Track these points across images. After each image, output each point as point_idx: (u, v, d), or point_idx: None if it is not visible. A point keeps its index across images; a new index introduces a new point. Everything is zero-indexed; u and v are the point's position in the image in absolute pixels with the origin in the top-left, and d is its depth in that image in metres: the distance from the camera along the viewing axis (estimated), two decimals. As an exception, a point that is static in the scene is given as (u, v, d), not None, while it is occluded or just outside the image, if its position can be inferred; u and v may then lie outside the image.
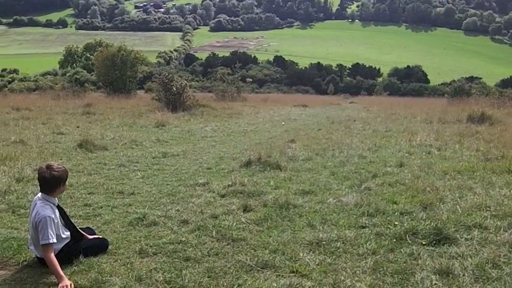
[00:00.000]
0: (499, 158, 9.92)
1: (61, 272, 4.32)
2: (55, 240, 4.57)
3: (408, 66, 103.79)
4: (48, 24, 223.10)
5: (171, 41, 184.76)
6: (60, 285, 4.20)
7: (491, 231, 5.49)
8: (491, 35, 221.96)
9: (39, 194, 4.80)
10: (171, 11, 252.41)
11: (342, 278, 4.37)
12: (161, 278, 4.37)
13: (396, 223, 5.74)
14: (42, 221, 4.54)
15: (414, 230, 5.44)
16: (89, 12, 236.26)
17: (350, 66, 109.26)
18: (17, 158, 9.51)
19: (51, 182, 4.72)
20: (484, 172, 8.59)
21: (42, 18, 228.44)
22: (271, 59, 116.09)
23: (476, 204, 6.46)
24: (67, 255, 4.70)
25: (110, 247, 5.10)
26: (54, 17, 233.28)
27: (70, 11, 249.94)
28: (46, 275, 4.46)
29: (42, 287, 4.24)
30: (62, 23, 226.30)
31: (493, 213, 6.10)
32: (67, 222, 4.95)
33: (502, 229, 5.51)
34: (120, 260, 4.81)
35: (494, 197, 6.88)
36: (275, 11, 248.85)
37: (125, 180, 8.26)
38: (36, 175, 4.88)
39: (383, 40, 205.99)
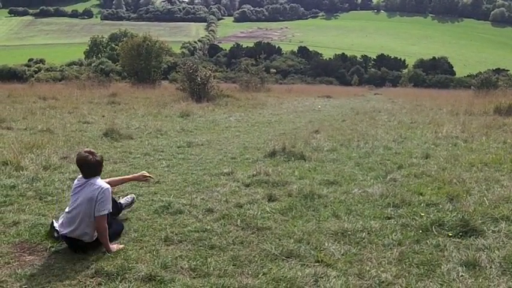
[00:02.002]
0: (527, 150, 9.78)
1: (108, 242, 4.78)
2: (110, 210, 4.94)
3: (434, 58, 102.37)
4: (74, 15, 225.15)
5: (195, 32, 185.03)
6: (112, 247, 4.75)
7: (519, 223, 5.42)
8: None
9: (81, 179, 5.02)
10: (196, 1, 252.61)
11: (367, 268, 4.36)
12: (186, 266, 4.41)
13: (422, 214, 5.70)
14: (106, 192, 4.88)
15: (440, 222, 5.40)
16: (114, 2, 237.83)
17: (375, 58, 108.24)
18: (44, 146, 9.62)
19: (96, 166, 5.01)
20: (511, 164, 8.47)
21: (68, 9, 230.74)
22: (295, 49, 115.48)
23: (503, 196, 6.38)
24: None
25: (135, 234, 5.16)
26: (80, 7, 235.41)
27: (95, 1, 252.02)
28: (73, 260, 4.53)
29: (69, 272, 4.29)
30: (88, 13, 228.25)
31: (521, 205, 6.02)
32: None
33: (530, 222, 5.44)
34: (145, 247, 4.86)
35: (522, 189, 6.78)
36: (300, 1, 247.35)
37: (150, 169, 8.30)
38: (65, 163, 4.96)
39: (408, 31, 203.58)
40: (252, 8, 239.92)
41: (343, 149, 10.32)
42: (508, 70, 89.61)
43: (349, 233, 5.20)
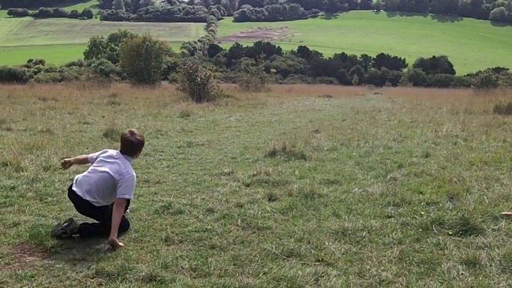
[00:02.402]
0: (527, 149, 9.79)
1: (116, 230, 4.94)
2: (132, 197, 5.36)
3: (434, 57, 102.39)
4: (74, 15, 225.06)
5: (195, 32, 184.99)
6: (110, 238, 4.83)
7: (519, 222, 5.43)
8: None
9: (118, 152, 5.36)
10: (196, 1, 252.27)
11: (368, 267, 4.37)
12: (187, 266, 4.41)
13: (422, 213, 5.71)
14: (131, 178, 5.18)
15: (440, 220, 5.40)
16: (113, 2, 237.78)
17: (375, 57, 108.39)
18: (44, 147, 9.63)
19: (137, 146, 5.39)
20: (511, 163, 8.50)
21: (67, 9, 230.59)
22: (295, 49, 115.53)
23: (503, 194, 6.40)
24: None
25: (136, 235, 5.16)
26: (79, 7, 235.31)
27: (95, 1, 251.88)
28: (74, 261, 4.52)
29: (70, 273, 4.29)
30: (87, 14, 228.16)
31: (521, 204, 6.03)
32: None
33: (530, 220, 5.44)
34: (146, 247, 4.86)
35: (522, 188, 6.79)
36: (299, 1, 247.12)
37: (151, 169, 8.32)
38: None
39: (408, 30, 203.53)
40: (251, 8, 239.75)
41: (343, 148, 10.33)
42: (507, 69, 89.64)
43: (350, 232, 5.21)
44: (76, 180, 5.35)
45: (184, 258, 4.59)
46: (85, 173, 5.38)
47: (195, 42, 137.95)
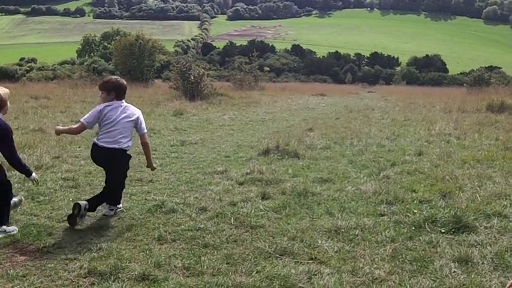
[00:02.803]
0: (519, 147, 9.83)
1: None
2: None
3: (427, 56, 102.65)
4: (66, 13, 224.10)
5: (188, 30, 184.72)
6: (151, 167, 6.35)
7: (510, 219, 5.47)
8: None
9: (117, 102, 5.91)
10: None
11: (361, 265, 4.37)
12: (180, 265, 4.39)
13: (415, 211, 5.72)
14: (141, 114, 6.07)
15: (433, 218, 5.42)
16: (106, 0, 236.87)
17: (368, 55, 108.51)
18: (36, 145, 9.60)
19: (125, 87, 6.09)
20: (503, 161, 8.54)
21: (60, 7, 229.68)
22: (288, 47, 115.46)
23: (495, 192, 6.43)
24: None
25: (128, 234, 5.15)
26: (72, 5, 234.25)
27: None
28: (66, 260, 4.50)
29: (62, 273, 4.26)
30: (80, 12, 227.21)
31: (513, 202, 6.06)
32: None
33: (522, 218, 5.47)
34: (139, 246, 4.84)
35: (515, 186, 6.82)
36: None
37: (143, 168, 8.25)
38: (58, 162, 4.96)
39: (402, 29, 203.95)
40: (245, 6, 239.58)
41: (336, 147, 10.34)
42: (500, 67, 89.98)
43: (343, 230, 5.21)
44: (98, 139, 5.89)
45: (177, 257, 4.57)
46: (105, 132, 5.85)
47: (188, 41, 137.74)
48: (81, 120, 5.92)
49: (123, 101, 6.01)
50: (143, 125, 6.05)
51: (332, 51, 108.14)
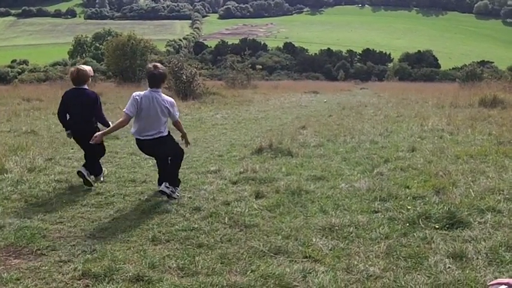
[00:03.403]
0: (512, 141, 9.86)
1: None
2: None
3: (419, 51, 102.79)
4: (57, 14, 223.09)
5: (180, 29, 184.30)
6: (187, 141, 7.04)
7: (504, 214, 5.47)
8: (503, 18, 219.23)
9: (149, 90, 6.37)
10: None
11: (355, 262, 4.37)
12: (174, 265, 4.39)
13: (409, 207, 5.72)
14: (174, 102, 6.57)
15: (427, 214, 5.42)
16: (97, 1, 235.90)
17: (360, 52, 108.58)
18: (29, 148, 9.54)
19: (161, 77, 6.39)
20: (496, 156, 8.55)
21: (51, 9, 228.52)
22: (280, 45, 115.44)
23: (489, 187, 6.44)
24: None
25: (122, 235, 5.13)
26: (63, 6, 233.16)
27: (78, 0, 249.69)
28: (60, 263, 4.48)
29: (56, 275, 4.25)
30: (71, 13, 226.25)
31: (507, 196, 6.08)
32: None
33: (515, 212, 5.48)
34: (133, 247, 4.83)
35: (507, 180, 6.86)
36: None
37: (137, 169, 8.29)
38: (50, 164, 4.97)
39: (393, 25, 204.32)
40: (236, 5, 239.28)
41: (330, 144, 10.34)
42: (492, 62, 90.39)
43: (337, 228, 5.21)
44: (138, 133, 6.48)
45: (172, 257, 4.56)
46: (140, 121, 6.41)
47: (180, 40, 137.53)
48: (125, 110, 6.35)
49: (157, 89, 6.40)
50: (175, 112, 6.55)
51: (324, 49, 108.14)
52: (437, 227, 5.17)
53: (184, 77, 22.95)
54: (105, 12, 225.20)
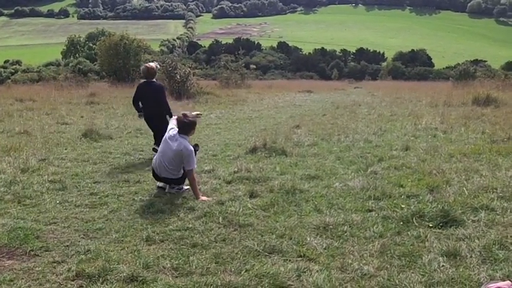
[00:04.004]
0: (505, 140, 9.91)
1: (198, 190, 6.47)
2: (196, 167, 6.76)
3: (412, 50, 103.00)
4: (50, 15, 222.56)
5: (173, 29, 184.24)
6: (201, 199, 6.27)
7: (498, 212, 5.49)
8: (496, 17, 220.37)
9: (177, 133, 6.69)
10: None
11: (350, 261, 4.37)
12: (168, 265, 4.38)
13: (403, 206, 5.73)
14: (191, 153, 6.57)
15: (421, 213, 5.43)
16: (90, 1, 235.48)
17: (354, 51, 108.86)
18: (22, 148, 9.51)
19: (190, 126, 6.74)
20: (490, 154, 8.57)
21: (43, 9, 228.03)
22: (274, 45, 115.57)
23: (482, 186, 6.45)
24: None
25: (116, 235, 5.12)
26: (56, 6, 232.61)
27: (71, 0, 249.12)
28: (53, 263, 4.46)
29: (49, 276, 4.23)
30: (64, 13, 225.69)
31: (500, 194, 6.10)
32: None
33: (508, 210, 5.51)
34: (127, 247, 4.81)
35: (501, 178, 6.87)
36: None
37: (131, 169, 8.27)
38: (44, 165, 4.92)
39: (387, 24, 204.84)
40: (230, 4, 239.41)
41: (324, 143, 10.35)
42: (485, 61, 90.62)
43: (331, 226, 5.21)
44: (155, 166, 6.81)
45: (166, 257, 4.55)
46: (159, 157, 6.78)
47: (173, 40, 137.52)
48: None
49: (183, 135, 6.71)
50: (189, 161, 6.58)
51: (318, 48, 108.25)
52: (431, 225, 5.18)
53: (178, 77, 22.91)
54: (98, 12, 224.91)
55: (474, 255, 4.43)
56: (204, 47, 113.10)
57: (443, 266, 4.24)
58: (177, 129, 6.77)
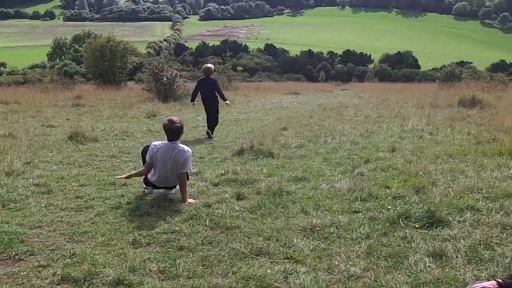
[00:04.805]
0: (490, 141, 9.98)
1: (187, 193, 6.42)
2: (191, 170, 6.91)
3: (399, 52, 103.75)
4: (35, 16, 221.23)
5: (160, 31, 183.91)
6: (188, 202, 6.22)
7: (483, 213, 5.52)
8: (481, 19, 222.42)
9: (168, 143, 6.57)
10: (160, 0, 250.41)
11: (336, 262, 4.37)
12: (155, 268, 4.35)
13: (389, 207, 5.75)
14: (190, 156, 6.57)
15: (407, 214, 5.45)
16: (76, 3, 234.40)
17: (341, 53, 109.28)
18: (7, 151, 9.43)
19: (177, 131, 6.60)
20: (475, 155, 8.64)
21: (29, 10, 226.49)
22: (261, 47, 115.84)
23: (468, 186, 6.49)
24: None
25: (102, 238, 5.08)
26: (41, 8, 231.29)
27: (57, 2, 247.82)
28: (38, 268, 4.41)
29: (34, 280, 4.18)
30: (50, 15, 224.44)
31: (485, 195, 6.14)
32: None
33: (493, 211, 5.54)
34: (113, 251, 4.77)
35: (486, 179, 6.92)
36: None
37: (117, 172, 8.21)
38: (29, 168, 4.86)
39: (374, 26, 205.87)
40: (217, 6, 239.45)
41: (311, 145, 10.37)
42: (471, 63, 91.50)
43: (318, 228, 5.21)
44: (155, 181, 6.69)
45: (152, 260, 4.52)
46: (157, 174, 6.61)
47: (160, 42, 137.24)
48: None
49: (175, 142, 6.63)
50: (187, 164, 6.53)
51: (305, 50, 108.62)
52: (417, 226, 5.20)
53: (165, 79, 22.87)
54: (84, 14, 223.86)
55: (460, 255, 4.45)
56: (191, 49, 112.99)
57: (429, 266, 4.25)
58: (164, 141, 6.69)
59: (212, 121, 12.70)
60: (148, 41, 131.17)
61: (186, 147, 6.62)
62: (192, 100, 13.59)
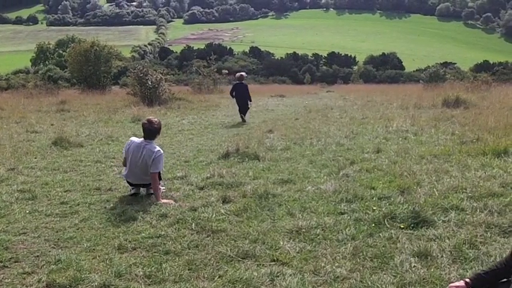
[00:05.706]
0: (474, 141, 10.05)
1: (159, 192, 6.65)
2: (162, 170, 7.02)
3: (383, 54, 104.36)
4: (18, 21, 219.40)
5: (145, 35, 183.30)
6: (162, 201, 6.44)
7: (467, 212, 5.56)
8: (464, 20, 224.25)
9: (143, 140, 6.89)
10: (144, 4, 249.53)
11: (322, 264, 4.39)
12: (141, 273, 4.33)
13: (374, 208, 5.78)
14: (160, 156, 6.76)
15: (392, 214, 5.48)
16: (59, 7, 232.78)
17: (326, 55, 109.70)
18: (-9, 158, 9.35)
19: (154, 132, 6.91)
20: (459, 155, 8.69)
21: (11, 15, 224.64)
22: (246, 50, 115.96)
23: (452, 186, 6.54)
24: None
25: (88, 244, 5.05)
26: (24, 13, 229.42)
27: (40, 7, 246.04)
28: (23, 274, 4.39)
29: (19, 287, 4.16)
30: (33, 20, 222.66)
31: (469, 194, 6.19)
32: None
33: (478, 210, 5.58)
34: (99, 256, 4.75)
35: (470, 179, 6.97)
36: (249, 1, 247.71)
37: (102, 177, 8.17)
38: (13, 174, 4.82)
39: (358, 28, 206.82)
40: (201, 10, 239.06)
41: (296, 147, 10.39)
42: (455, 63, 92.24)
43: (304, 230, 5.22)
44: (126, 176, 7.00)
45: (138, 265, 4.51)
46: (128, 169, 6.91)
47: (145, 46, 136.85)
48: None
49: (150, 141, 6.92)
50: (156, 164, 6.73)
51: (290, 52, 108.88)
52: (402, 226, 5.23)
53: (150, 83, 22.77)
54: (68, 19, 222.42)
55: (445, 255, 4.48)
56: (176, 52, 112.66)
57: (414, 266, 4.28)
58: (141, 138, 6.99)
59: (242, 112, 16.76)
60: (133, 45, 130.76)
61: (157, 148, 6.83)
62: (232, 96, 17.61)
